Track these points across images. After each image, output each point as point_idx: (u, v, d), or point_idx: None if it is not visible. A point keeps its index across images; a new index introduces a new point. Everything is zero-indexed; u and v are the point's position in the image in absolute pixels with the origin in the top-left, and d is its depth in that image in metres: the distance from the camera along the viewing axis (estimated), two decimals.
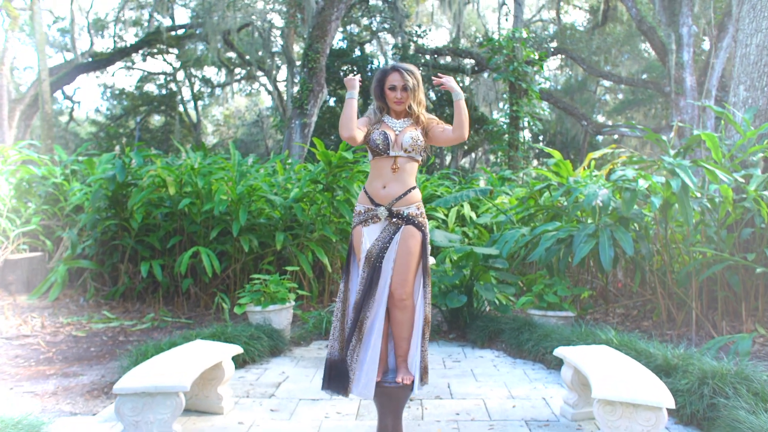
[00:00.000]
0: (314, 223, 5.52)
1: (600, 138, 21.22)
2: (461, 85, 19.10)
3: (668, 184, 3.69)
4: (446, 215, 6.37)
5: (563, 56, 16.05)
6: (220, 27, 18.41)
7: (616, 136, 18.27)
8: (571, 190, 4.25)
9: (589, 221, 4.31)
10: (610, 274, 4.88)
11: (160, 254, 5.62)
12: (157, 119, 29.06)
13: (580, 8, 22.47)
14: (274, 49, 21.07)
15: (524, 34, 9.40)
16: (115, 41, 22.74)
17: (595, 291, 4.94)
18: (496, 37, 10.58)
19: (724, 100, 13.42)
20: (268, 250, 5.52)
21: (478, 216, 6.30)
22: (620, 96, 20.55)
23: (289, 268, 4.61)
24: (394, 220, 2.55)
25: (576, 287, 3.96)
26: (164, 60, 26.02)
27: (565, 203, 4.66)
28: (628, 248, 3.55)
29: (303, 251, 5.44)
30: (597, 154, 4.77)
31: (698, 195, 3.93)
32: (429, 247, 2.65)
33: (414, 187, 2.65)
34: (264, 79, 24.87)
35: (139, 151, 5.74)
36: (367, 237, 2.60)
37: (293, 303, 4.07)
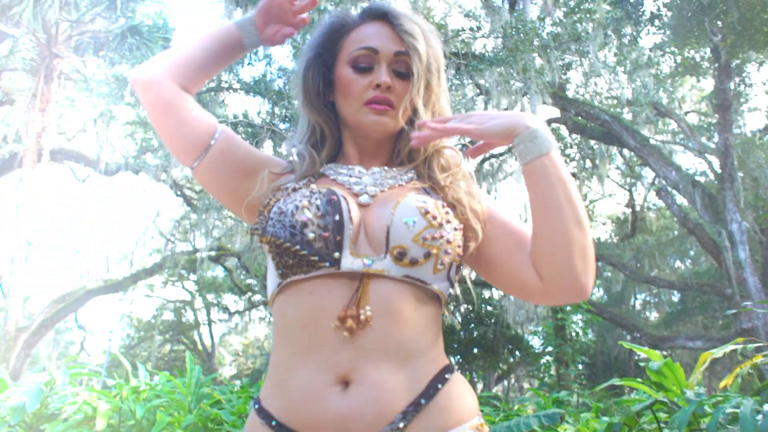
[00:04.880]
0: None
1: (639, 355, 19.23)
2: (487, 309, 17.62)
3: None
4: None
5: (598, 264, 14.92)
6: (234, 250, 18.01)
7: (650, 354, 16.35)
8: (698, 411, 2.63)
9: None
10: None
11: None
12: (174, 349, 27.85)
13: (603, 224, 22.04)
14: None
15: None
16: (131, 265, 22.46)
17: None
18: None
19: None
20: None
21: None
22: (667, 309, 19.02)
23: None
24: None
25: None
26: (182, 287, 25.62)
27: (677, 430, 2.98)
28: None
29: None
30: (719, 352, 3.20)
31: None
32: None
33: (450, 370, 0.94)
34: None
35: (70, 367, 4.27)
36: None
37: None
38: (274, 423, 0.89)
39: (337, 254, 0.90)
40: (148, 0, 12.58)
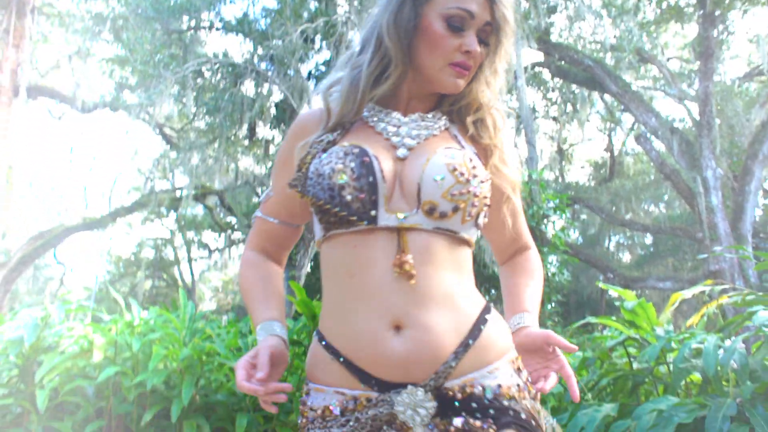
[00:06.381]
0: (292, 402, 4.00)
1: (612, 294, 19.84)
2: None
3: None
4: None
5: (575, 207, 15.22)
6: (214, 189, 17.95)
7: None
8: (666, 346, 2.84)
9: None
10: None
11: None
12: (155, 285, 27.99)
13: (582, 168, 22.25)
14: None
15: (543, 175, 8.54)
16: (110, 203, 22.29)
17: None
18: None
19: (760, 247, 12.25)
20: None
21: None
22: (639, 251, 19.52)
23: None
24: (458, 423, 0.95)
25: None
26: (162, 224, 25.57)
27: (646, 364, 3.21)
28: None
29: None
30: (688, 293, 3.40)
31: None
32: None
33: (488, 310, 1.06)
34: None
35: (64, 303, 4.37)
36: None
37: None
38: (342, 359, 1.00)
39: (373, 212, 0.99)
40: None
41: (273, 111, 14.11)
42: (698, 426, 2.34)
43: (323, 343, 1.05)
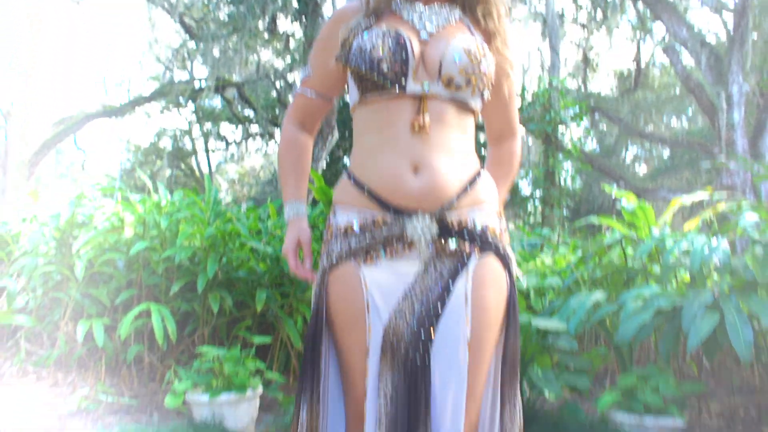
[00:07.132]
0: (308, 282, 4.31)
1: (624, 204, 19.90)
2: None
3: None
4: None
5: (593, 116, 15.06)
6: (233, 81, 17.83)
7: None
8: (660, 245, 3.04)
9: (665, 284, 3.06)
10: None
11: (112, 312, 4.42)
12: (173, 174, 28.37)
13: (606, 76, 21.74)
14: None
15: (566, 83, 8.49)
16: (129, 92, 22.26)
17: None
18: (528, 87, 9.64)
19: None
20: (246, 312, 4.30)
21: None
22: (656, 164, 19.44)
23: (258, 340, 3.35)
24: (453, 245, 1.22)
25: (685, 382, 2.66)
26: (180, 114, 25.60)
27: (638, 261, 3.44)
28: None
29: (292, 315, 4.21)
30: (688, 199, 3.58)
31: None
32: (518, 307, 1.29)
33: (482, 167, 1.37)
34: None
35: (96, 184, 4.62)
36: (376, 291, 1.20)
37: (259, 391, 2.81)
38: (366, 189, 1.27)
39: (403, 80, 1.24)
40: None
41: (295, 4, 13.78)
42: (677, 313, 2.58)
43: (351, 179, 1.31)
